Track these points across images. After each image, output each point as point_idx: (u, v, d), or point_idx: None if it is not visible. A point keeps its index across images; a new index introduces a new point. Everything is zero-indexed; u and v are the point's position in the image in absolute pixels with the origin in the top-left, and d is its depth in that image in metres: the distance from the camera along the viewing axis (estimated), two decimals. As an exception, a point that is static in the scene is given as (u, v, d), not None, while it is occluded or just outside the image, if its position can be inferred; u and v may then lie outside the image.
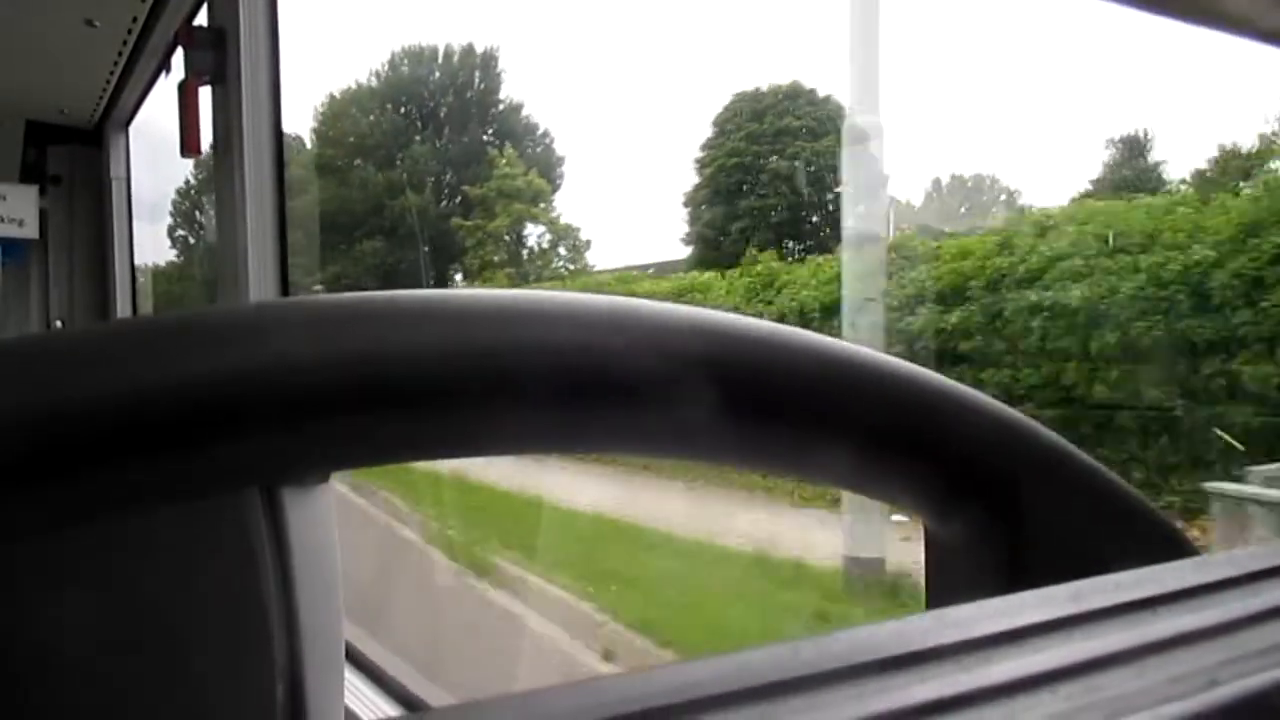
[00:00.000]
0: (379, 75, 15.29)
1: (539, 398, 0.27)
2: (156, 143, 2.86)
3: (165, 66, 2.25)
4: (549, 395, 0.27)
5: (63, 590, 0.33)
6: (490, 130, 15.19)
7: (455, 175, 14.72)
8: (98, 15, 2.06)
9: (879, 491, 0.36)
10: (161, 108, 2.39)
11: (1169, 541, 0.36)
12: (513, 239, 13.43)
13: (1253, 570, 0.29)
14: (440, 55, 15.34)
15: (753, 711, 0.19)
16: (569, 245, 13.51)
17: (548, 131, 15.13)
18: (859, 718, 0.19)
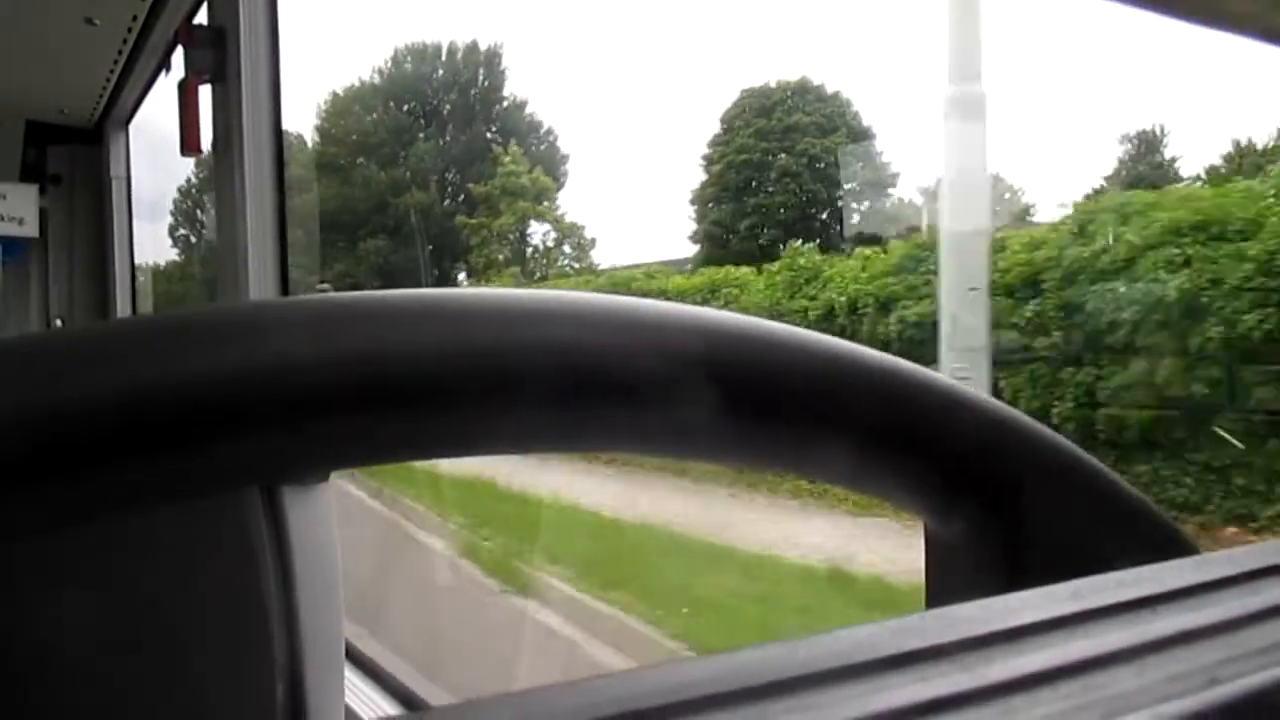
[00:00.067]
0: (382, 72, 15.26)
1: (539, 397, 0.27)
2: (157, 142, 2.87)
3: (165, 65, 2.25)
4: (549, 395, 0.27)
5: (63, 590, 0.33)
6: (494, 128, 15.14)
7: (459, 173, 14.67)
8: (97, 14, 2.05)
9: (878, 490, 0.36)
10: (161, 107, 2.39)
11: (1169, 540, 0.36)
12: (517, 237, 13.35)
13: (1253, 568, 0.29)
14: (444, 52, 15.30)
15: (750, 711, 0.19)
16: (574, 243, 13.43)
17: (551, 129, 15.10)
18: (858, 717, 0.19)
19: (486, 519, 5.86)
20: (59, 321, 2.80)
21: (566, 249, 13.42)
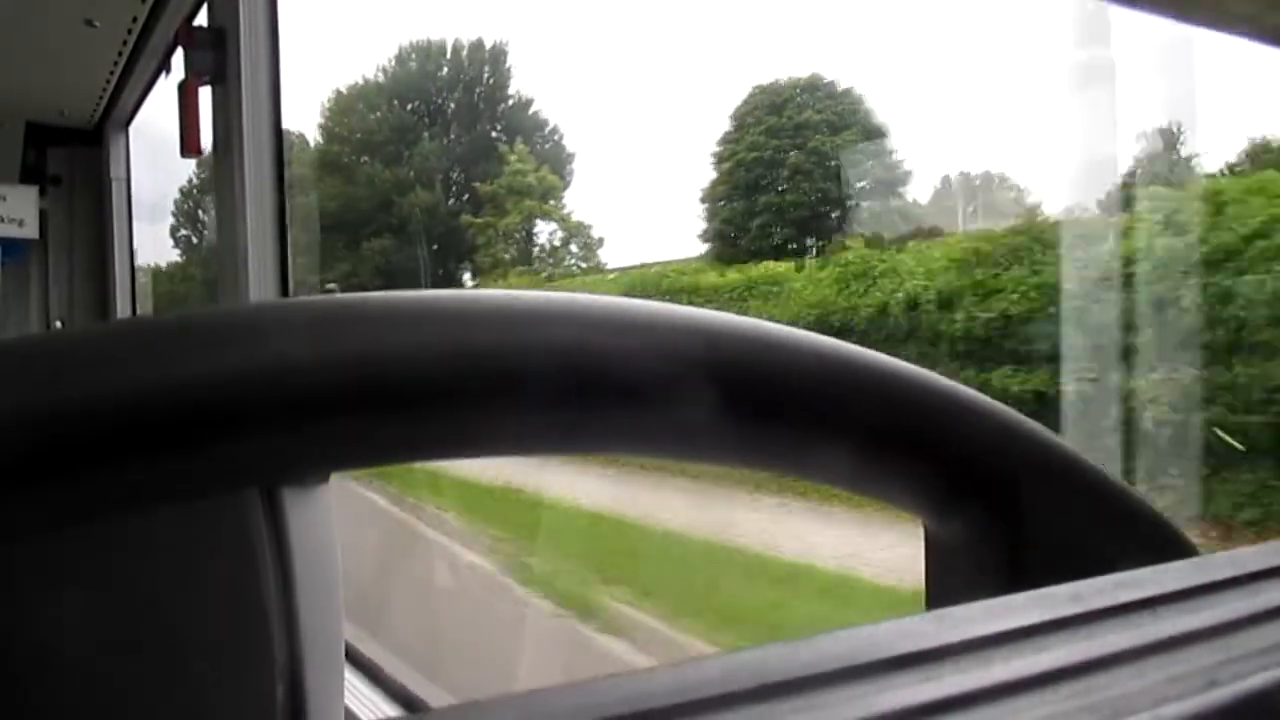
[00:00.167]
0: (386, 70, 15.16)
1: (539, 398, 0.27)
2: (156, 143, 2.87)
3: (165, 67, 2.25)
4: (549, 396, 0.27)
5: (63, 590, 0.33)
6: (499, 126, 15.04)
7: (464, 172, 14.56)
8: (97, 15, 2.06)
9: (879, 491, 0.36)
10: (161, 108, 2.40)
11: (1169, 541, 0.36)
12: (523, 236, 13.23)
13: (1253, 570, 0.29)
14: (449, 50, 15.19)
15: (751, 712, 0.19)
16: (580, 243, 13.24)
17: (557, 127, 14.98)
18: (860, 718, 0.19)
19: (528, 532, 5.38)
20: (59, 323, 2.80)
21: (573, 248, 13.27)
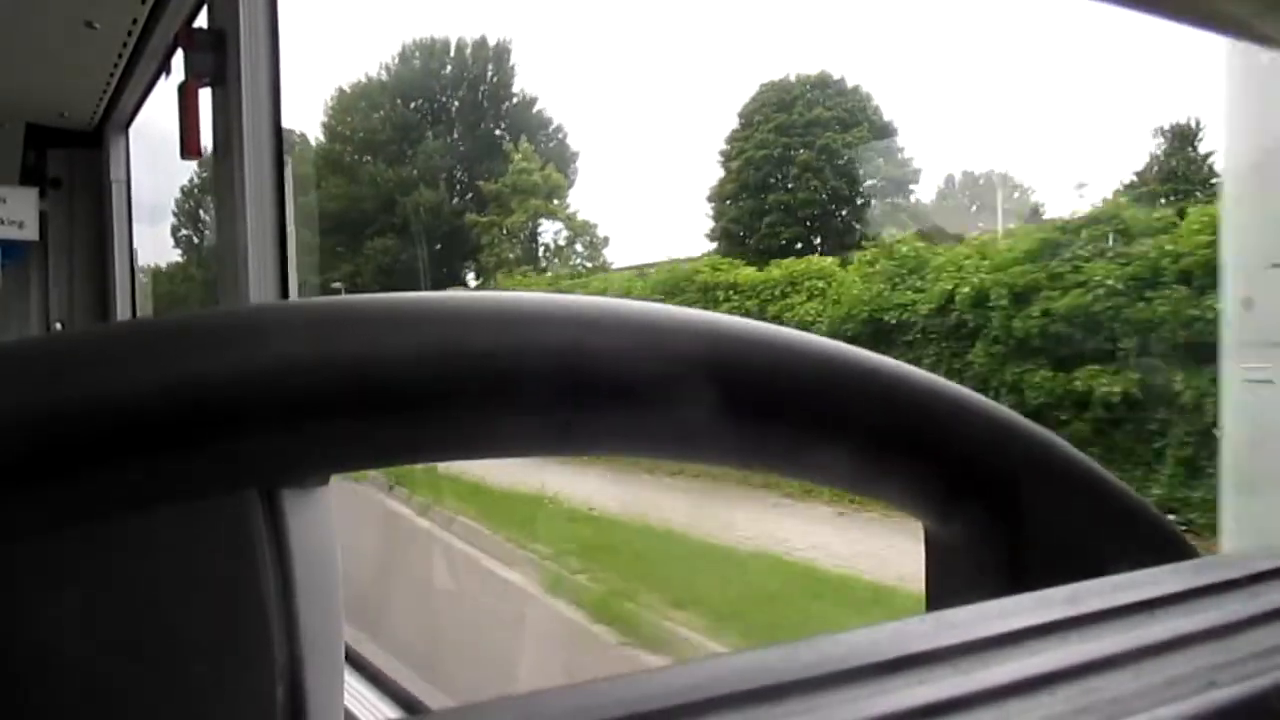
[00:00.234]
0: (389, 69, 15.07)
1: (539, 399, 0.27)
2: (157, 144, 2.86)
3: (165, 69, 2.25)
4: (549, 397, 0.27)
5: (63, 590, 0.33)
6: (503, 125, 14.94)
7: (467, 171, 14.46)
8: (97, 17, 2.05)
9: (879, 492, 0.36)
10: (162, 110, 2.39)
11: (1168, 543, 0.36)
12: (527, 236, 13.11)
13: (1250, 573, 0.29)
14: (452, 48, 15.10)
15: (750, 714, 0.19)
16: (586, 242, 13.12)
17: (561, 126, 14.91)
18: None
19: (562, 543, 5.00)
20: (59, 325, 2.79)
21: (579, 247, 13.16)
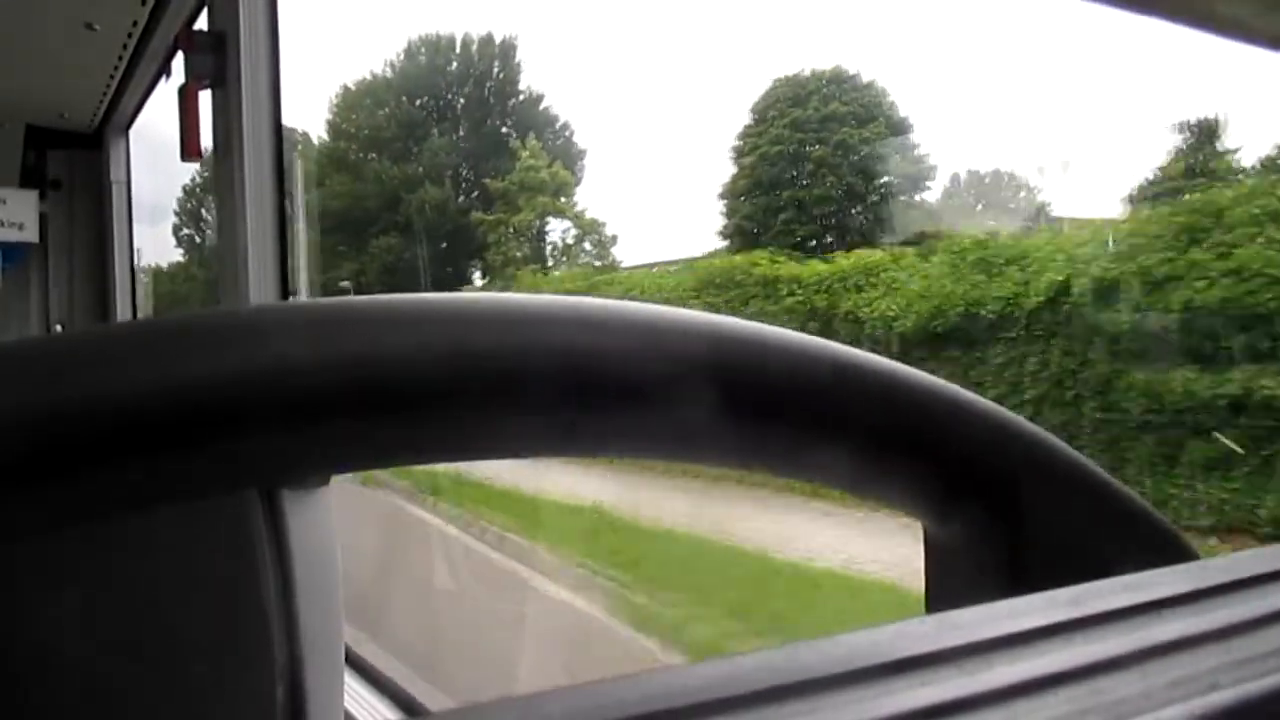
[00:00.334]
0: (394, 66, 14.95)
1: (541, 400, 0.27)
2: (157, 146, 2.87)
3: (165, 70, 2.25)
4: (550, 398, 0.27)
5: (63, 590, 0.33)
6: (509, 122, 14.80)
7: (473, 169, 14.31)
8: (98, 19, 2.06)
9: (879, 493, 0.36)
10: (162, 111, 2.40)
11: (1168, 544, 0.36)
12: (535, 234, 12.94)
13: (1254, 574, 0.29)
14: (458, 44, 14.98)
15: (752, 716, 0.19)
16: (594, 240, 12.94)
17: (567, 123, 14.78)
18: None
19: (616, 558, 4.55)
20: (59, 327, 2.79)
21: (587, 246, 13.00)
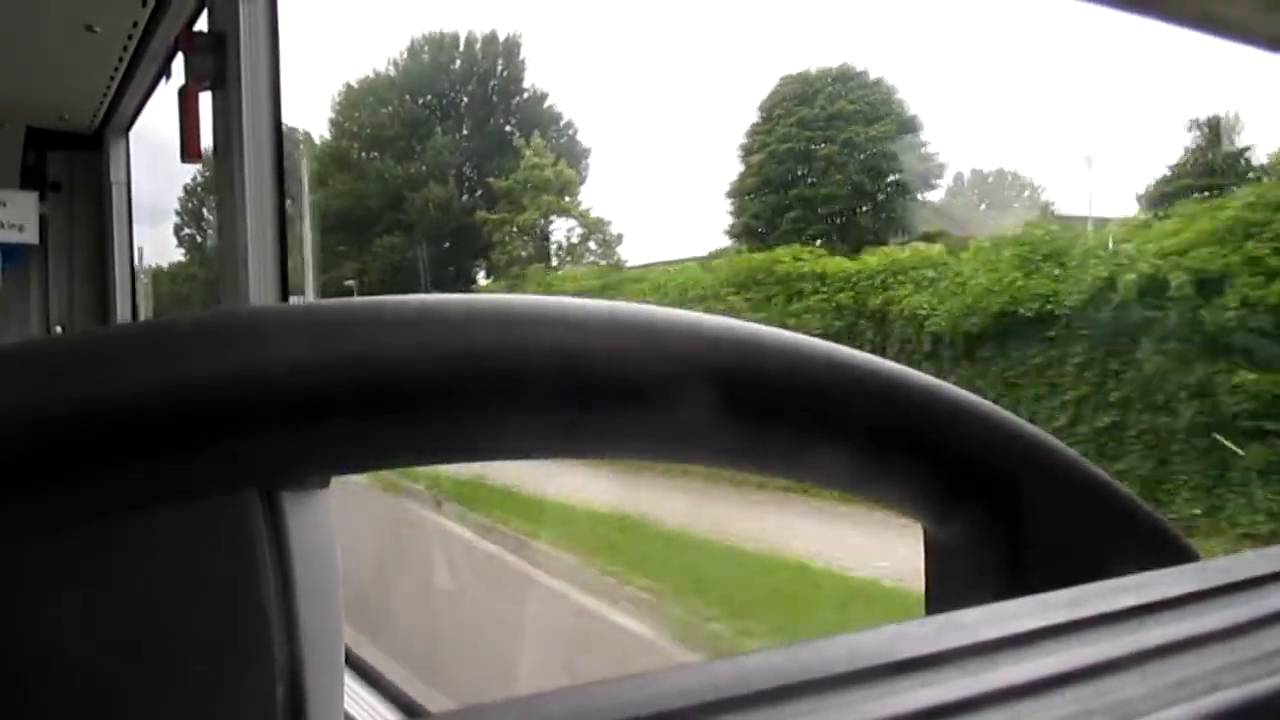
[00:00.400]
0: (397, 64, 14.89)
1: (539, 401, 0.27)
2: (157, 147, 2.87)
3: (165, 72, 2.25)
4: (550, 399, 0.27)
5: (63, 590, 0.33)
6: (513, 121, 14.72)
7: (477, 167, 14.21)
8: (98, 21, 2.06)
9: (878, 494, 0.36)
10: (162, 112, 2.40)
11: (1168, 544, 0.36)
12: (539, 233, 12.84)
13: (1254, 575, 0.29)
14: (462, 43, 14.91)
15: (753, 717, 0.19)
16: (599, 240, 12.84)
17: (571, 122, 14.70)
18: None
19: (664, 574, 4.22)
20: (59, 328, 2.79)
21: (592, 245, 12.89)
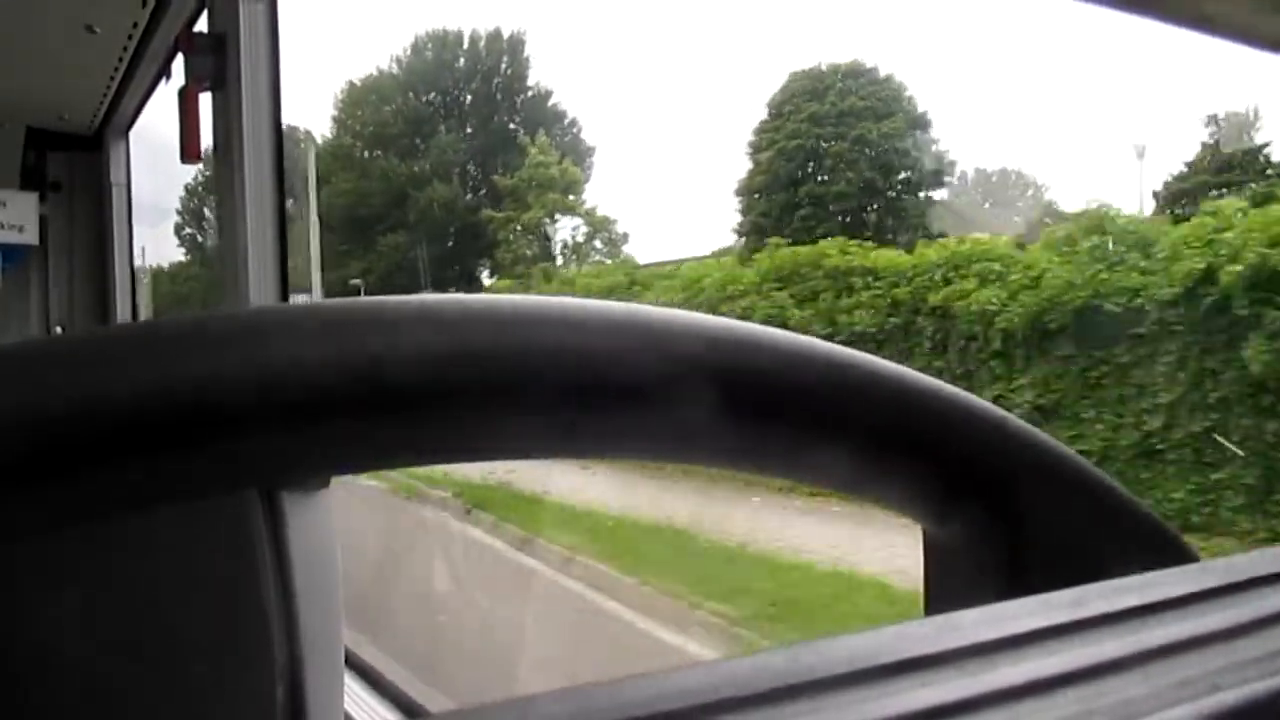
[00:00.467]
0: (400, 62, 14.85)
1: (540, 401, 0.27)
2: (157, 147, 2.87)
3: (165, 72, 2.25)
4: (550, 399, 0.27)
5: (63, 590, 0.33)
6: (518, 118, 14.66)
7: (481, 165, 14.16)
8: (98, 21, 2.06)
9: (878, 494, 0.36)
10: (162, 113, 2.40)
11: (1168, 545, 0.36)
12: (543, 233, 12.77)
13: (1254, 576, 0.29)
14: (466, 40, 14.88)
15: (755, 716, 0.19)
16: (605, 238, 12.77)
17: (575, 120, 14.70)
18: None
19: (733, 596, 3.96)
20: (59, 329, 2.79)
21: (597, 244, 12.83)
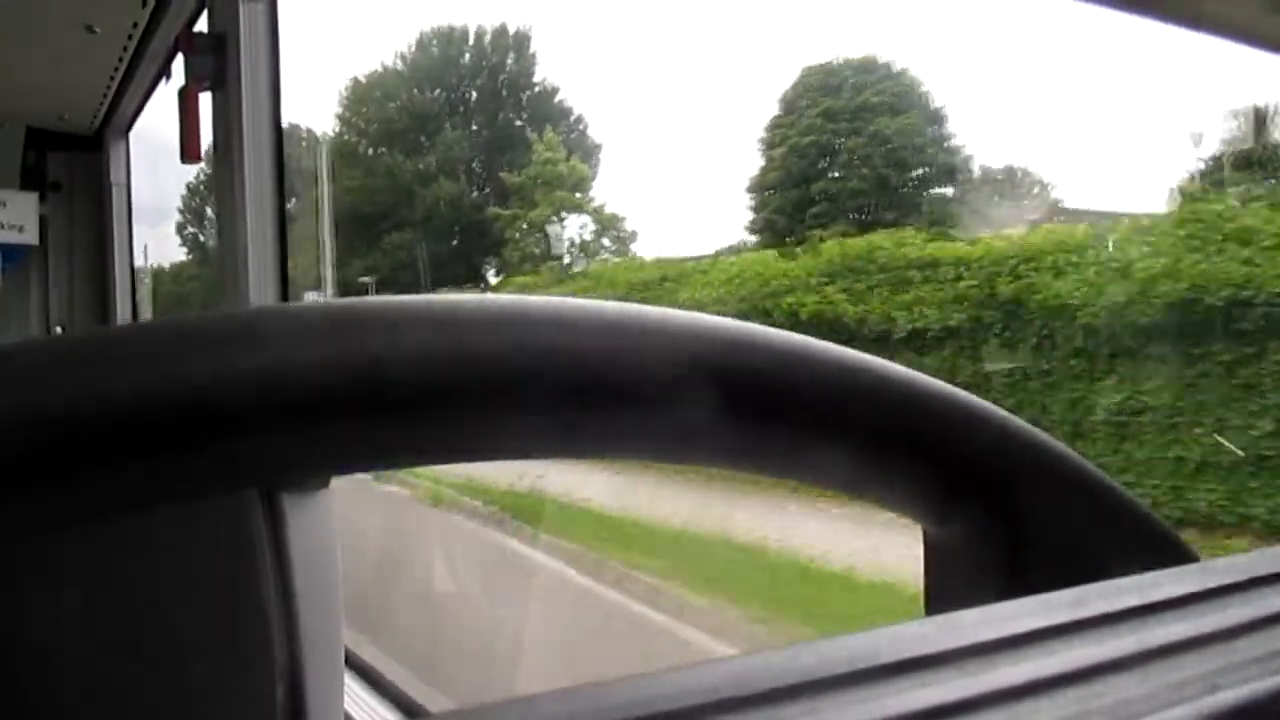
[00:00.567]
0: (405, 58, 14.71)
1: (540, 401, 0.27)
2: (157, 147, 2.87)
3: (165, 72, 2.26)
4: (550, 400, 0.27)
5: (63, 590, 0.33)
6: (524, 115, 14.51)
7: (487, 163, 14.02)
8: (98, 21, 2.06)
9: (878, 494, 0.36)
10: (162, 113, 2.40)
11: (1167, 545, 0.37)
12: (549, 232, 12.76)
13: (1254, 576, 0.29)
14: (471, 36, 14.73)
15: (753, 717, 0.19)
16: (613, 236, 12.54)
17: (582, 117, 14.46)
18: None
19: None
20: (59, 329, 2.80)
21: (606, 242, 12.56)
